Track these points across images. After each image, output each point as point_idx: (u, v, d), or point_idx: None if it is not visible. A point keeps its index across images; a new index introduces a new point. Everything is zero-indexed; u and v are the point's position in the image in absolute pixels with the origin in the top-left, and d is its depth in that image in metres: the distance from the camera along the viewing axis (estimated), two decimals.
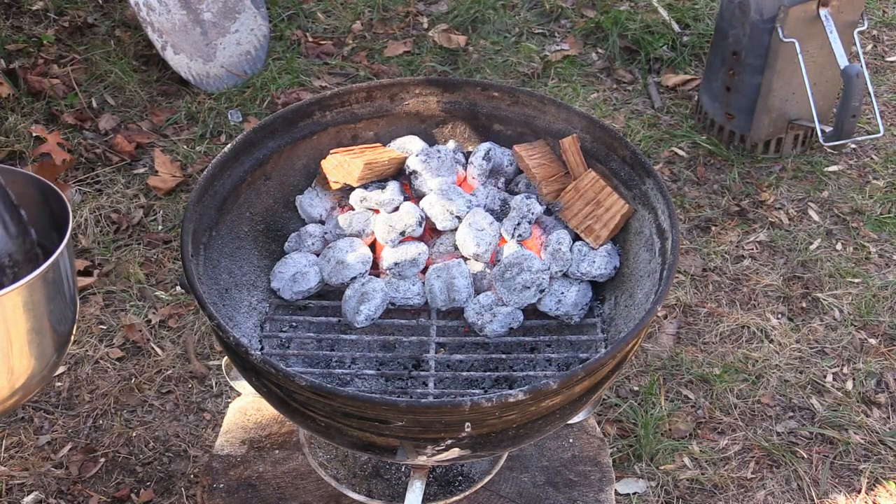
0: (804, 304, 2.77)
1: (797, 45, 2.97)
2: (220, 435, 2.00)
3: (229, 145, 1.76)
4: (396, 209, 1.77)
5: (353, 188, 1.80)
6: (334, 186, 1.81)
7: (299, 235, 1.81)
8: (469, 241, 1.72)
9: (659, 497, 2.31)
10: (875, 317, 2.73)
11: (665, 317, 2.72)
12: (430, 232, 1.80)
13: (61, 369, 2.52)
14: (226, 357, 1.74)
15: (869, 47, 3.77)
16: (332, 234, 1.79)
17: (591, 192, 1.76)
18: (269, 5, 3.66)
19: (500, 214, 1.79)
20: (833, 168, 3.22)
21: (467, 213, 1.75)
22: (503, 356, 1.69)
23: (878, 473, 2.37)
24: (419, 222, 1.74)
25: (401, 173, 1.83)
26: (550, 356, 1.68)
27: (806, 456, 2.40)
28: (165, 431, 2.41)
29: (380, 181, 1.82)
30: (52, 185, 1.59)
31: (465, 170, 1.86)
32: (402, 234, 1.73)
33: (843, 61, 2.95)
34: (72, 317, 1.59)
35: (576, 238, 1.77)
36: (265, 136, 1.81)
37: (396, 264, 1.72)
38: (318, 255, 1.78)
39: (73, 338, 1.64)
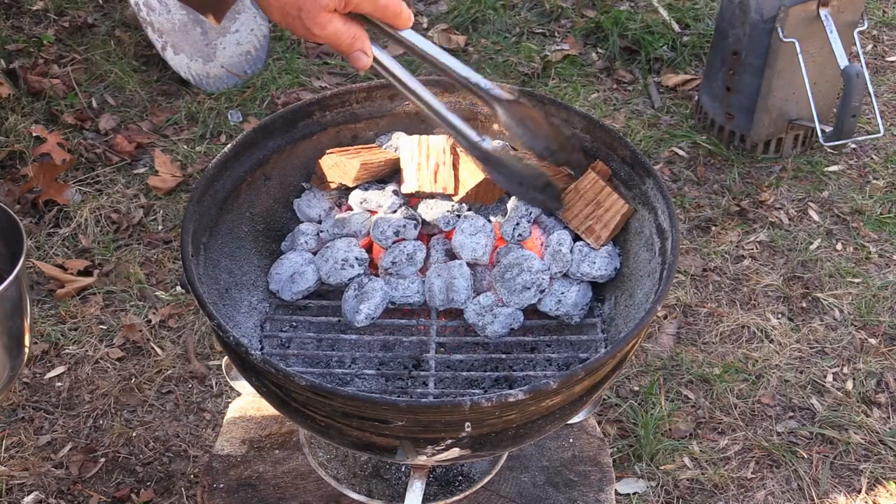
0: (804, 304, 2.77)
1: (797, 45, 2.97)
2: (220, 435, 2.00)
3: (229, 145, 1.76)
4: (395, 211, 1.77)
5: (349, 188, 1.81)
6: (331, 186, 1.81)
7: (293, 235, 1.81)
8: (465, 245, 1.72)
9: (659, 497, 2.31)
10: (875, 317, 2.73)
11: (665, 317, 2.72)
12: (425, 233, 1.80)
13: (61, 369, 2.53)
14: (226, 357, 1.74)
15: (869, 47, 3.77)
16: (328, 233, 1.79)
17: (592, 193, 1.76)
18: None
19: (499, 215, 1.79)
20: (833, 168, 3.22)
21: (464, 214, 1.75)
22: (503, 356, 1.69)
23: (878, 473, 2.37)
24: (415, 224, 1.74)
25: (397, 173, 1.83)
26: (550, 356, 1.68)
27: (806, 456, 2.40)
28: (165, 431, 2.41)
29: (377, 182, 1.82)
30: (6, 208, 1.59)
31: None
32: (397, 234, 1.73)
33: (843, 61, 2.95)
34: (23, 340, 1.60)
35: (576, 238, 1.77)
36: (265, 136, 1.81)
37: (394, 263, 1.72)
38: (314, 254, 1.78)
39: (25, 359, 1.65)
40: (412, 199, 1.80)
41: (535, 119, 1.61)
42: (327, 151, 1.82)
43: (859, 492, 2.34)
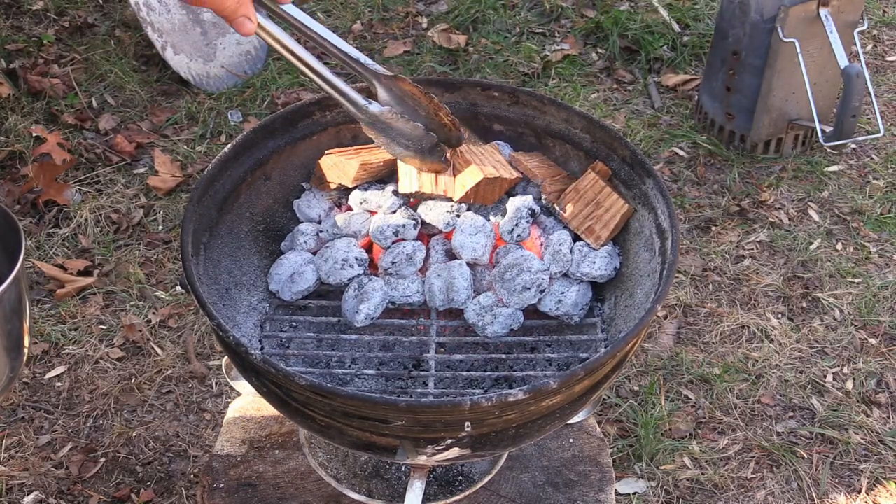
0: (804, 304, 2.77)
1: (797, 44, 2.97)
2: (220, 435, 2.00)
3: (229, 145, 1.76)
4: (394, 211, 1.77)
5: (349, 189, 1.81)
6: (331, 186, 1.81)
7: (293, 235, 1.81)
8: (465, 245, 1.72)
9: (659, 497, 2.31)
10: (875, 317, 2.73)
11: (665, 317, 2.72)
12: (425, 234, 1.80)
13: (61, 369, 2.53)
14: (226, 357, 1.74)
15: (869, 47, 3.77)
16: (328, 233, 1.79)
17: (591, 193, 1.76)
18: None
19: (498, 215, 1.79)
20: (833, 168, 3.22)
21: (464, 214, 1.75)
22: (503, 356, 1.69)
23: (879, 473, 2.37)
24: (415, 224, 1.74)
25: (396, 173, 1.83)
26: (550, 356, 1.68)
27: (806, 456, 2.40)
28: (165, 431, 2.41)
29: (377, 182, 1.82)
30: (5, 209, 1.59)
31: None
32: (397, 234, 1.73)
33: (843, 61, 2.95)
34: (22, 342, 1.60)
35: (576, 238, 1.77)
36: (265, 136, 1.81)
37: (394, 264, 1.72)
38: (314, 254, 1.78)
39: (25, 360, 1.65)
40: (412, 200, 1.80)
41: (413, 95, 1.63)
42: (327, 152, 1.82)
43: (859, 492, 2.34)
